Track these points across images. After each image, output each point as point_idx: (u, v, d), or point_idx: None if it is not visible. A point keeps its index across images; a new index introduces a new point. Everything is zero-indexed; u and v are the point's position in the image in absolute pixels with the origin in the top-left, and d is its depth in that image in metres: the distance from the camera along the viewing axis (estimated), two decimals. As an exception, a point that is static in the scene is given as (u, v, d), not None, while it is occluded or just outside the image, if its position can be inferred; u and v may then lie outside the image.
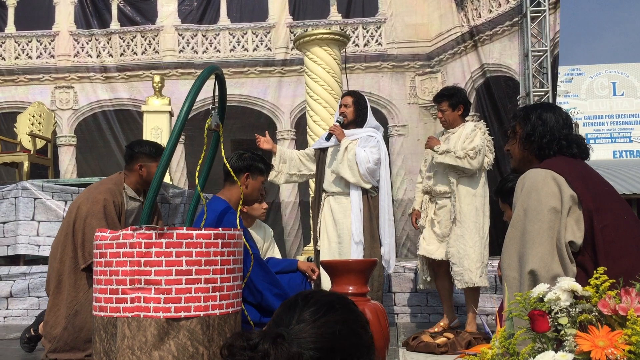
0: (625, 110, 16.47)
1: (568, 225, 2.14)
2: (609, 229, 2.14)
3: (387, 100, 8.44)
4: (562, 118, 2.41)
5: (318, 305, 1.27)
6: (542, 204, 2.16)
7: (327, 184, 4.33)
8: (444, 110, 4.30)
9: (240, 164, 3.20)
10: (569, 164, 2.31)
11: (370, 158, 4.16)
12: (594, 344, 1.57)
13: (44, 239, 5.41)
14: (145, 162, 3.75)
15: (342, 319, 1.27)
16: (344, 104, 4.37)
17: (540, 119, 2.42)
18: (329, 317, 1.25)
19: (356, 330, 1.28)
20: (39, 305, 5.21)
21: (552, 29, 7.31)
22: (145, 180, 3.76)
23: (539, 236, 2.13)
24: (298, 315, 1.25)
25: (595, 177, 2.35)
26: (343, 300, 1.33)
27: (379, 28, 8.63)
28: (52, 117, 7.44)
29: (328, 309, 1.27)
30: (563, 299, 1.69)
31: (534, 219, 2.16)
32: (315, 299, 1.29)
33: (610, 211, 2.20)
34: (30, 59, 9.00)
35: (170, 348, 2.27)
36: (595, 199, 2.19)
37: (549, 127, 2.39)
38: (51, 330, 3.52)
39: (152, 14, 8.97)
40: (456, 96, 4.29)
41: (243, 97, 8.63)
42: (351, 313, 1.30)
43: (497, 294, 4.86)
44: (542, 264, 2.09)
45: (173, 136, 2.36)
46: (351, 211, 4.16)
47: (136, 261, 2.30)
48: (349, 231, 4.16)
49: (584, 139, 2.44)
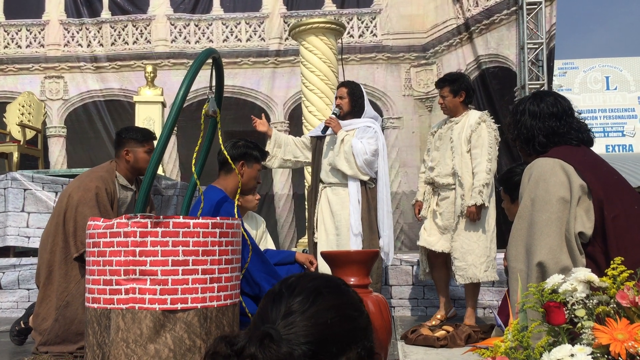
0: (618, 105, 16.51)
1: (578, 215, 2.07)
2: (620, 219, 2.08)
3: (381, 92, 8.36)
4: (549, 108, 2.31)
5: (305, 293, 1.15)
6: (550, 194, 2.09)
7: (324, 174, 4.27)
8: (444, 96, 4.21)
9: (235, 152, 3.14)
10: (577, 152, 2.24)
11: (367, 149, 4.09)
12: (612, 337, 1.51)
13: (33, 231, 5.31)
14: (132, 147, 3.67)
15: (333, 305, 1.15)
16: (339, 95, 4.31)
17: (519, 122, 2.36)
18: (318, 306, 1.13)
19: (350, 315, 1.17)
20: (29, 298, 5.12)
21: (548, 21, 7.25)
22: (132, 166, 3.68)
23: (547, 227, 2.05)
24: (285, 308, 1.13)
25: (605, 166, 2.28)
26: (331, 282, 1.20)
27: (373, 19, 8.55)
28: (42, 108, 7.32)
29: (316, 296, 1.15)
30: (579, 290, 1.62)
31: (541, 209, 2.09)
32: (300, 286, 1.17)
33: (621, 201, 2.14)
34: (20, 48, 8.85)
35: (166, 341, 2.19)
36: (606, 189, 2.12)
37: (529, 126, 2.31)
38: (42, 322, 3.43)
39: (143, 3, 8.84)
40: (458, 82, 4.19)
41: (236, 88, 8.52)
42: (342, 296, 1.18)
43: (494, 287, 4.80)
44: (551, 256, 2.02)
45: (169, 122, 2.28)
46: (349, 203, 4.10)
47: (131, 251, 2.22)
48: (346, 223, 4.10)
49: (583, 125, 2.35)
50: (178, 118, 2.34)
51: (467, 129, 4.09)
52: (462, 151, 4.08)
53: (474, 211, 3.96)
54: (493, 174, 4.02)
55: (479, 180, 3.97)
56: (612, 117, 16.51)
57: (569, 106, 2.36)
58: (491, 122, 4.12)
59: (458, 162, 4.08)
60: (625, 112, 16.47)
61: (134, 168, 3.68)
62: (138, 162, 3.65)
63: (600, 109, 16.55)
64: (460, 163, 4.07)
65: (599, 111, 16.56)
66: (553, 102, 2.33)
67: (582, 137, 2.30)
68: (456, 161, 4.08)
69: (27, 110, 7.14)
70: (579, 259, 2.04)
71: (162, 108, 7.15)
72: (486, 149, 3.99)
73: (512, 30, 7.34)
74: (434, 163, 4.24)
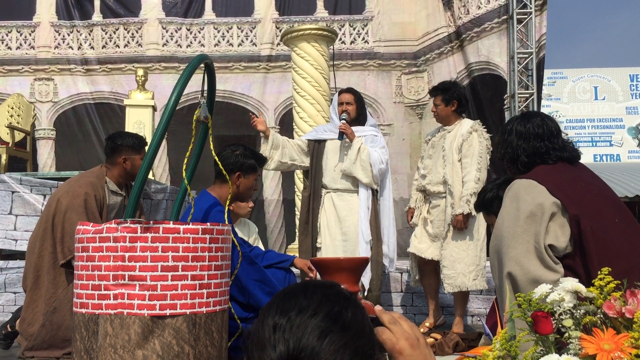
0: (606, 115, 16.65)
1: (551, 229, 2.14)
2: (599, 232, 2.12)
3: (372, 99, 8.39)
4: (535, 129, 2.38)
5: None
6: (520, 211, 2.17)
7: (329, 180, 4.23)
8: (437, 104, 4.23)
9: (232, 163, 3.10)
10: (552, 172, 2.31)
11: (383, 159, 4.16)
12: (599, 347, 1.52)
13: (21, 234, 5.26)
14: (129, 154, 3.64)
15: (343, 345, 0.92)
16: (346, 101, 4.26)
17: (506, 141, 2.44)
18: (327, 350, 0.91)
19: (361, 347, 0.95)
20: (15, 301, 5.07)
21: (538, 31, 7.31)
22: (129, 174, 3.64)
23: (514, 240, 2.14)
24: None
25: (583, 181, 2.33)
26: (333, 317, 0.95)
27: (365, 26, 8.58)
28: (31, 110, 7.27)
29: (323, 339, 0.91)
30: (567, 300, 1.64)
31: (509, 225, 2.18)
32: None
33: (600, 214, 2.18)
34: (10, 50, 8.80)
35: (154, 347, 2.18)
36: (581, 205, 2.17)
37: (515, 146, 2.39)
38: (28, 327, 3.40)
39: (135, 7, 8.81)
40: (450, 91, 4.20)
41: (227, 93, 8.51)
42: (349, 330, 0.94)
43: (483, 295, 4.82)
44: (518, 267, 2.09)
45: (161, 126, 2.27)
46: (359, 209, 4.10)
47: (120, 256, 2.21)
48: (355, 229, 4.11)
49: (568, 144, 2.41)
50: (170, 123, 2.33)
51: (458, 138, 4.11)
52: (454, 160, 4.10)
53: (461, 220, 3.98)
54: (482, 183, 4.02)
55: (467, 189, 3.99)
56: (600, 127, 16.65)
57: (555, 127, 2.42)
58: (483, 132, 4.13)
59: (449, 171, 4.10)
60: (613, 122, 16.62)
61: (130, 175, 3.64)
62: (135, 169, 3.59)
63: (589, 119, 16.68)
64: (451, 172, 4.09)
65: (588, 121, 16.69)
66: (540, 123, 2.40)
67: (563, 155, 2.36)
68: (447, 170, 4.10)
69: (17, 112, 7.09)
70: (554, 267, 2.09)
71: (153, 112, 7.13)
72: (476, 159, 4.01)
73: (503, 38, 7.39)
74: (426, 171, 4.26)
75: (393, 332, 1.05)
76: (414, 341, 1.05)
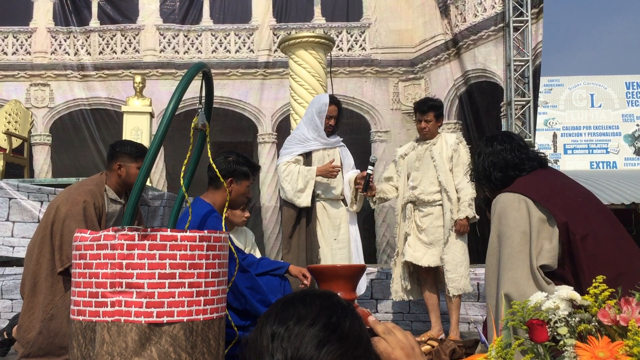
0: (603, 122, 16.70)
1: (540, 247, 2.15)
2: (588, 239, 2.14)
3: (369, 106, 8.41)
4: (501, 144, 2.48)
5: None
6: (511, 229, 2.20)
7: (323, 189, 4.29)
8: (429, 120, 4.32)
9: (225, 168, 3.11)
10: (532, 182, 2.34)
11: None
12: (594, 355, 1.53)
13: (18, 240, 5.26)
14: (125, 162, 3.62)
15: (341, 355, 0.93)
16: (334, 115, 4.36)
17: (477, 164, 2.56)
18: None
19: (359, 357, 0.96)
20: (12, 308, 5.06)
21: (534, 39, 7.35)
22: (123, 181, 3.62)
23: (510, 261, 2.16)
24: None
25: (568, 190, 2.35)
26: (331, 327, 0.95)
27: (363, 33, 8.61)
28: (29, 116, 7.29)
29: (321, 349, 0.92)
30: (562, 308, 1.65)
31: (504, 244, 2.21)
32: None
33: (588, 222, 2.20)
34: (6, 55, 8.81)
35: (151, 354, 2.18)
36: (569, 212, 2.20)
37: (486, 165, 2.48)
38: (25, 334, 3.39)
39: (133, 13, 8.84)
40: (441, 108, 4.41)
41: (224, 99, 8.53)
42: (345, 340, 0.95)
43: (480, 302, 4.83)
44: (515, 288, 2.11)
45: (157, 138, 2.28)
46: (353, 221, 4.35)
47: (117, 263, 2.21)
48: (348, 236, 4.27)
49: (538, 155, 2.51)
50: (168, 130, 2.34)
51: (447, 149, 4.27)
52: (446, 169, 4.24)
53: (465, 224, 4.13)
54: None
55: (467, 194, 4.13)
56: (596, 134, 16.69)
57: (521, 140, 2.54)
58: (465, 143, 4.34)
59: (444, 179, 4.21)
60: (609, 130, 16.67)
61: (124, 183, 3.62)
62: (130, 177, 3.57)
63: (585, 126, 16.72)
64: (446, 180, 4.21)
65: (584, 128, 16.74)
66: (504, 138, 2.52)
67: (534, 164, 2.44)
68: (442, 178, 4.22)
69: (14, 119, 7.10)
70: (547, 288, 2.09)
71: (151, 118, 7.13)
72: (466, 167, 4.13)
73: (500, 46, 7.44)
74: (416, 182, 4.33)
75: (388, 342, 1.06)
76: (409, 350, 1.06)
